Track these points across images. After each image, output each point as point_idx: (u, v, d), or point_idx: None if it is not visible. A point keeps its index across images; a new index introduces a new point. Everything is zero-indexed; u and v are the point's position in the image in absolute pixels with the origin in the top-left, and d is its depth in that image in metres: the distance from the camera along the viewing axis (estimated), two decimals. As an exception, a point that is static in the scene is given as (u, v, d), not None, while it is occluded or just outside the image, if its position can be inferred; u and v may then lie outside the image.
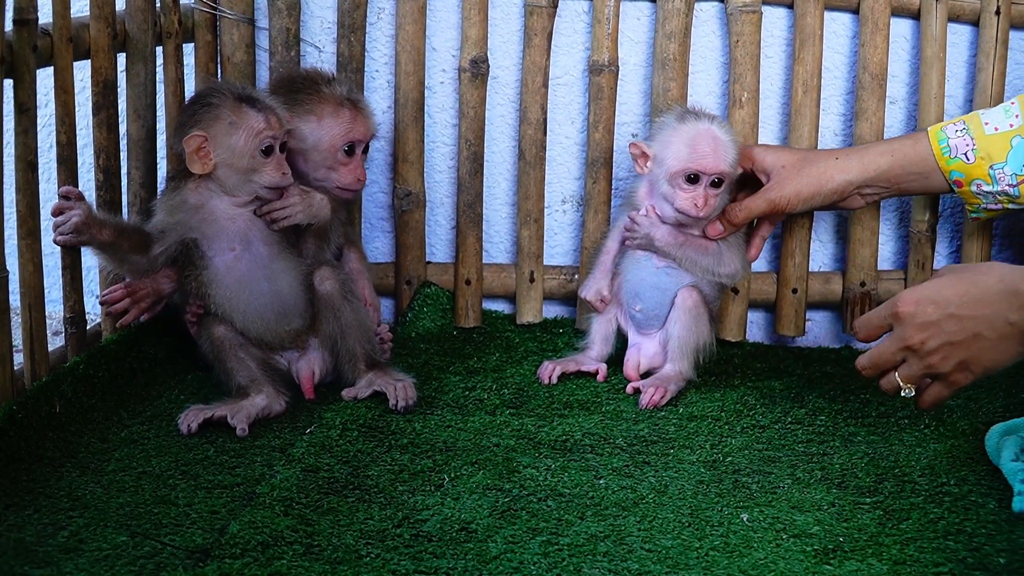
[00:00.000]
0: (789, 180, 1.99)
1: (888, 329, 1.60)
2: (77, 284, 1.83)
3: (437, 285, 2.27)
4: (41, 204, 1.72)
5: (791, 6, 2.20)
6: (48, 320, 1.77)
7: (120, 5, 1.93)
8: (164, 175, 2.05)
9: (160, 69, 2.04)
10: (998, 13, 2.14)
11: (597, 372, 2.03)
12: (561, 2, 2.20)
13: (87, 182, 1.99)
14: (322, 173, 1.99)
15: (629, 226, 2.00)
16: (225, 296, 1.86)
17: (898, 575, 1.39)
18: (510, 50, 2.25)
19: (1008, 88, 2.18)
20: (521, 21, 2.23)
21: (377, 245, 2.33)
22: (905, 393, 1.60)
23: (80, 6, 1.91)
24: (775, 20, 2.23)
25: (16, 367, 1.70)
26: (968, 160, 1.91)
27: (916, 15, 2.19)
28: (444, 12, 2.23)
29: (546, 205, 2.27)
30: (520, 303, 2.27)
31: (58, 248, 1.81)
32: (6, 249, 1.64)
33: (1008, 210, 1.96)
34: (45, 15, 1.73)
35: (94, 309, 1.96)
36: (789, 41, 2.23)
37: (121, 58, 1.97)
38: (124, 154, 1.97)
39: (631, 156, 1.99)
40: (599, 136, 2.21)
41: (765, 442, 1.78)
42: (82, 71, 1.91)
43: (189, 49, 2.14)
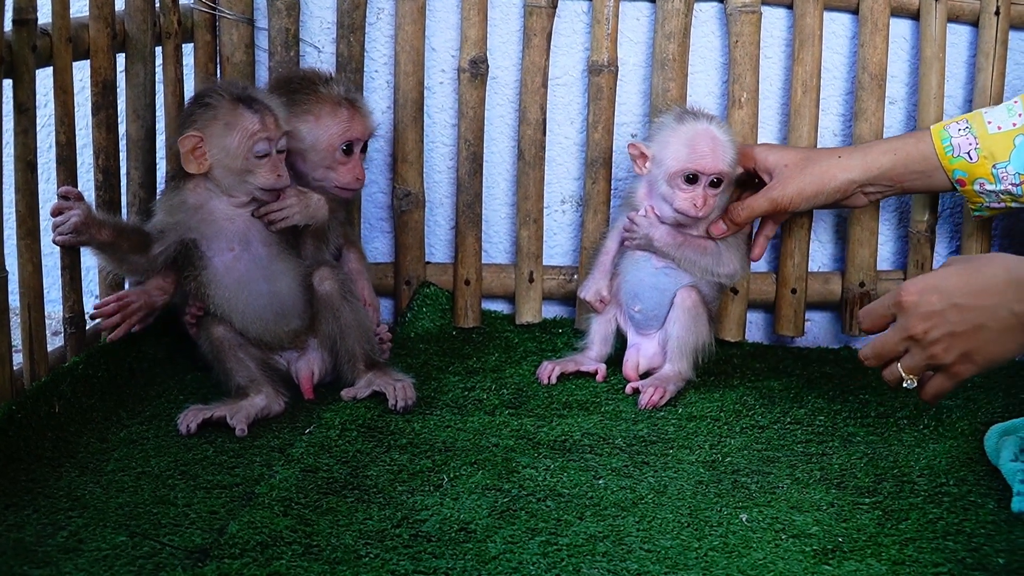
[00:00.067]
0: (792, 179, 1.98)
1: (892, 319, 1.58)
2: (76, 284, 1.83)
3: (436, 285, 2.27)
4: (40, 204, 1.72)
5: (790, 6, 2.20)
6: (47, 320, 1.78)
7: (119, 5, 1.93)
8: (163, 175, 2.05)
9: (159, 69, 2.04)
10: (997, 13, 2.14)
11: (596, 372, 2.03)
12: (560, 2, 2.20)
13: (86, 182, 1.99)
14: (321, 173, 1.99)
15: (628, 226, 2.00)
16: (224, 296, 1.86)
17: (897, 575, 1.39)
18: (509, 50, 2.25)
19: (1007, 88, 2.18)
20: (520, 21, 2.23)
21: (376, 245, 2.33)
22: (907, 384, 1.58)
23: (79, 6, 1.91)
24: (774, 20, 2.23)
25: (15, 367, 1.69)
26: (971, 159, 1.91)
27: (915, 15, 2.19)
28: (443, 12, 2.23)
29: (545, 205, 2.27)
30: (519, 303, 2.27)
31: (57, 248, 1.80)
32: (5, 249, 1.64)
33: (1011, 208, 1.96)
34: (44, 15, 1.73)
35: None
36: (788, 41, 2.23)
37: (120, 58, 1.97)
38: (123, 154, 1.97)
39: (630, 157, 1.99)
40: (598, 136, 2.21)
41: (764, 442, 1.78)
42: (81, 71, 1.91)
43: (188, 49, 2.14)
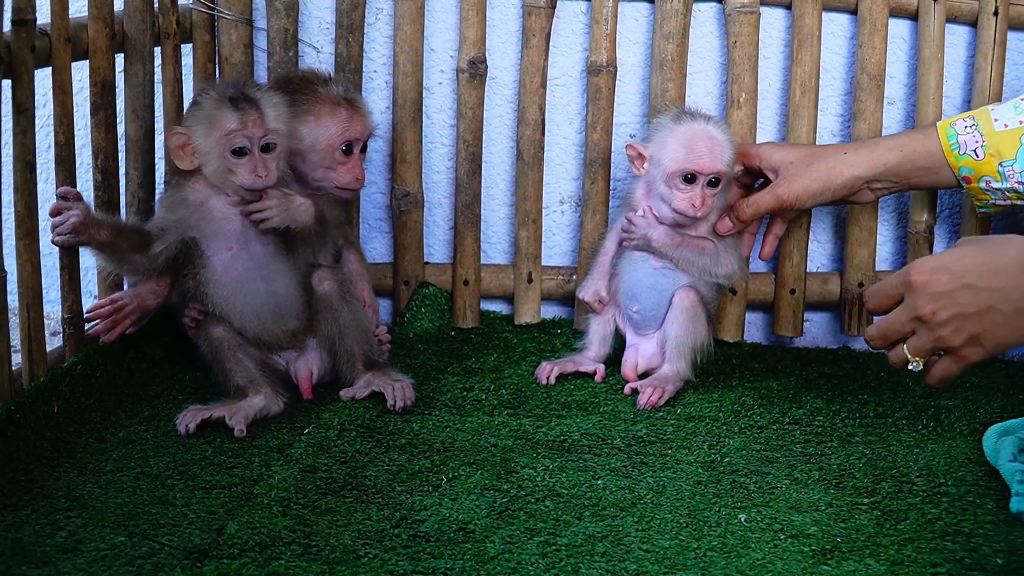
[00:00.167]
0: (797, 176, 1.98)
1: (899, 299, 1.53)
2: (75, 284, 1.83)
3: (435, 286, 2.27)
4: (39, 204, 1.72)
5: (789, 7, 2.21)
6: (46, 320, 1.77)
7: (118, 5, 1.93)
8: (162, 175, 2.05)
9: (158, 69, 2.04)
10: (996, 14, 2.14)
11: (595, 372, 2.03)
12: (559, 3, 2.20)
13: (85, 182, 1.98)
14: (320, 173, 1.99)
15: (626, 227, 2.00)
16: (222, 296, 1.86)
17: (895, 575, 1.39)
18: (508, 51, 2.25)
19: (1006, 89, 2.18)
20: (519, 22, 2.23)
21: (375, 246, 2.33)
22: (913, 367, 1.54)
23: (78, 6, 1.91)
24: (773, 21, 2.23)
25: (14, 367, 1.69)
26: (977, 157, 1.91)
27: (914, 16, 2.19)
28: (442, 13, 2.23)
29: (544, 206, 2.27)
30: (518, 304, 2.27)
31: (56, 248, 1.80)
32: (4, 249, 1.64)
33: (1016, 206, 1.95)
34: (43, 15, 1.73)
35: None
36: (787, 42, 2.24)
37: (119, 58, 1.97)
38: (122, 154, 1.97)
39: (628, 158, 1.99)
40: (597, 137, 2.21)
41: (763, 442, 1.78)
42: (80, 71, 1.91)
43: (187, 50, 2.14)
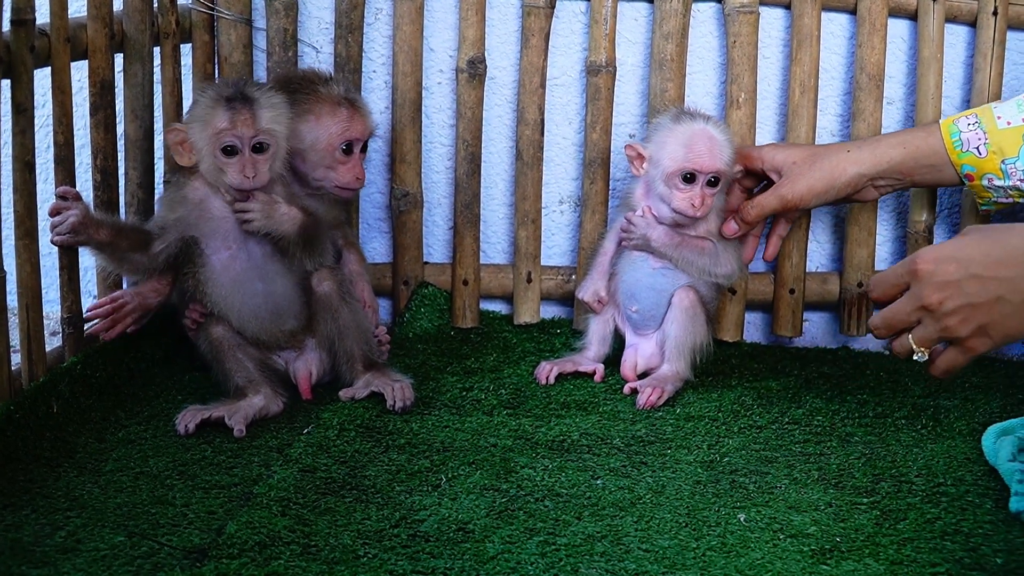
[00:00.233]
0: (801, 176, 1.97)
1: (904, 288, 1.51)
2: (75, 284, 1.83)
3: (434, 286, 2.27)
4: (38, 204, 1.72)
5: (788, 7, 2.21)
6: (45, 320, 1.78)
7: (117, 5, 1.93)
8: (161, 175, 2.05)
9: (158, 69, 2.04)
10: (995, 14, 2.14)
11: (594, 372, 2.03)
12: (558, 3, 2.20)
13: (84, 182, 1.99)
14: (320, 173, 1.99)
15: (626, 227, 2.00)
16: (221, 295, 1.86)
17: (895, 575, 1.39)
18: (507, 51, 2.25)
19: (1005, 89, 2.18)
20: (518, 22, 2.23)
21: (375, 246, 2.33)
22: (917, 357, 1.53)
23: (78, 6, 1.91)
24: (772, 21, 2.23)
25: (14, 367, 1.69)
26: (980, 154, 1.90)
27: (913, 16, 2.19)
28: (441, 13, 2.23)
29: (543, 206, 2.27)
30: (517, 303, 2.27)
31: (56, 248, 1.80)
32: (3, 249, 1.64)
33: (1018, 203, 1.95)
34: (43, 15, 1.73)
35: (92, 309, 1.96)
36: (786, 42, 2.24)
37: (119, 58, 1.96)
38: (121, 154, 1.97)
39: (627, 158, 1.99)
40: (596, 137, 2.21)
41: (762, 442, 1.78)
42: (79, 71, 1.91)
43: (187, 50, 2.14)
